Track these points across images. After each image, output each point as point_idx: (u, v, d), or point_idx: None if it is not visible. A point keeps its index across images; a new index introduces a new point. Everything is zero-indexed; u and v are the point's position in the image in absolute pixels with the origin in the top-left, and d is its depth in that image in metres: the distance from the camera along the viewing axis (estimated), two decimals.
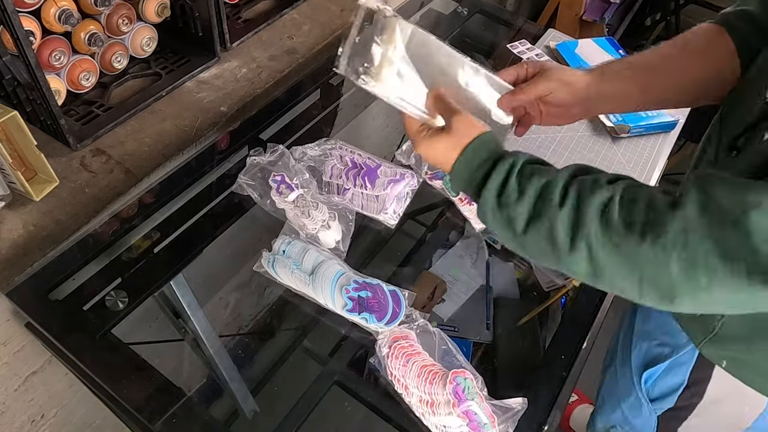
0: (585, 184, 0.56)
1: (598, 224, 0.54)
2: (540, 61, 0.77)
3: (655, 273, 0.52)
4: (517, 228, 0.59)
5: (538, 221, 0.57)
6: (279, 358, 0.90)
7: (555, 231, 0.56)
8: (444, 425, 0.72)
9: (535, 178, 0.59)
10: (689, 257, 0.50)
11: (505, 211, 0.59)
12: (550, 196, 0.57)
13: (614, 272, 0.54)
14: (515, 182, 0.59)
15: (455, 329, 1.05)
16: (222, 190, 0.95)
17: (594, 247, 0.54)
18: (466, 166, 0.64)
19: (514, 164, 0.61)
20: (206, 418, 0.72)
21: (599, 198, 0.55)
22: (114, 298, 0.80)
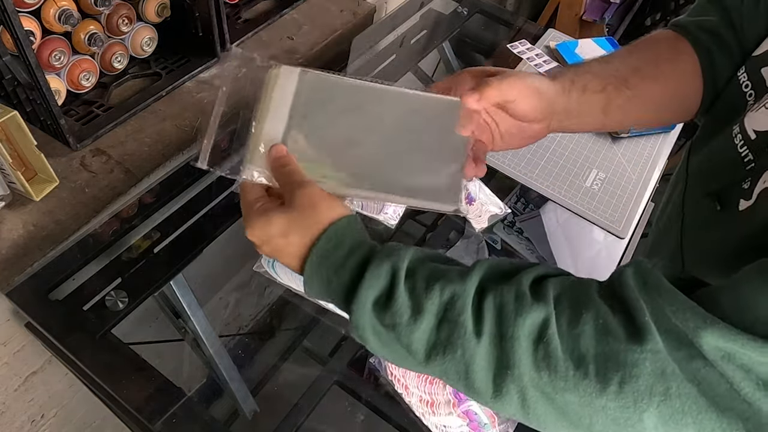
0: (506, 300, 0.41)
1: (532, 363, 0.39)
2: (486, 68, 0.61)
3: (623, 425, 0.38)
4: (416, 356, 0.43)
5: (446, 351, 0.41)
6: (279, 358, 0.90)
7: (471, 369, 0.41)
8: (444, 425, 0.72)
9: (434, 289, 0.42)
10: (672, 408, 0.37)
11: (392, 333, 0.43)
12: (458, 319, 0.41)
13: (559, 422, 0.40)
14: (405, 293, 0.42)
15: None
16: (222, 190, 0.95)
17: (529, 392, 0.39)
18: (323, 264, 0.46)
19: (398, 265, 0.43)
20: (206, 418, 0.72)
21: (529, 322, 0.40)
22: (114, 298, 0.80)
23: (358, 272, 0.44)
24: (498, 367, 0.40)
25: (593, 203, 1.01)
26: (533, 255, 1.00)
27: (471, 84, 0.58)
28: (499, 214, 0.99)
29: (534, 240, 1.01)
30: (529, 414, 0.40)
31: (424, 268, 0.44)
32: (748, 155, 0.53)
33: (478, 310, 0.41)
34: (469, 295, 0.41)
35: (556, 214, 1.01)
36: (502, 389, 0.40)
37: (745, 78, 0.60)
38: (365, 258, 0.45)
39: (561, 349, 0.39)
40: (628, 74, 0.64)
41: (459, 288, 0.41)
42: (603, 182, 1.04)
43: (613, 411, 0.37)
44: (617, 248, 0.97)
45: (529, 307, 0.40)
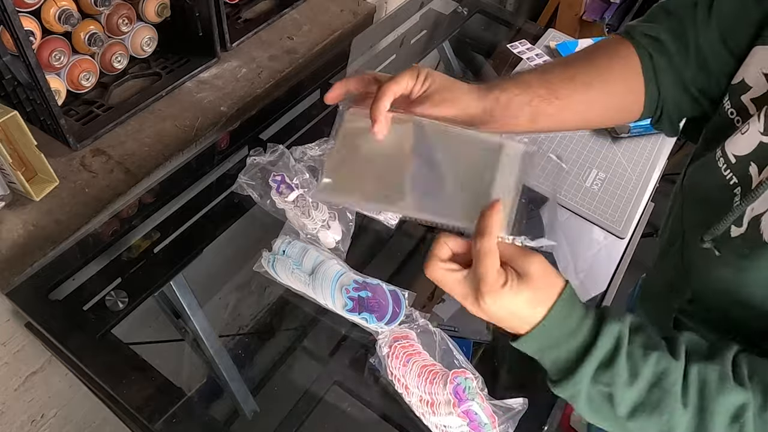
0: (710, 378, 0.46)
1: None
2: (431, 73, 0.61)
3: None
4: (619, 411, 0.49)
5: (651, 412, 0.47)
6: (279, 358, 0.90)
7: (672, 429, 0.47)
8: (444, 425, 0.72)
9: (651, 357, 0.48)
10: None
11: (606, 389, 0.48)
12: (671, 389, 0.46)
13: None
14: (625, 359, 0.48)
15: (455, 329, 1.05)
16: (222, 190, 0.95)
17: None
18: (558, 328, 0.49)
19: (623, 332, 0.49)
20: (206, 418, 0.72)
21: (730, 402, 0.46)
22: (114, 298, 0.80)
23: (593, 335, 0.49)
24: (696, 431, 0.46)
25: (593, 203, 1.01)
26: None
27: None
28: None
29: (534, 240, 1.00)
30: None
31: (641, 338, 0.49)
32: (733, 178, 0.57)
33: (685, 383, 0.47)
34: (681, 368, 0.47)
35: (556, 214, 1.01)
36: None
37: (729, 106, 0.61)
38: (599, 323, 0.50)
39: (751, 429, 0.45)
40: (561, 85, 0.65)
41: (672, 361, 0.47)
42: (603, 182, 1.04)
43: None
44: (617, 248, 0.97)
45: (731, 389, 0.46)
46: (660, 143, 1.13)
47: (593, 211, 1.00)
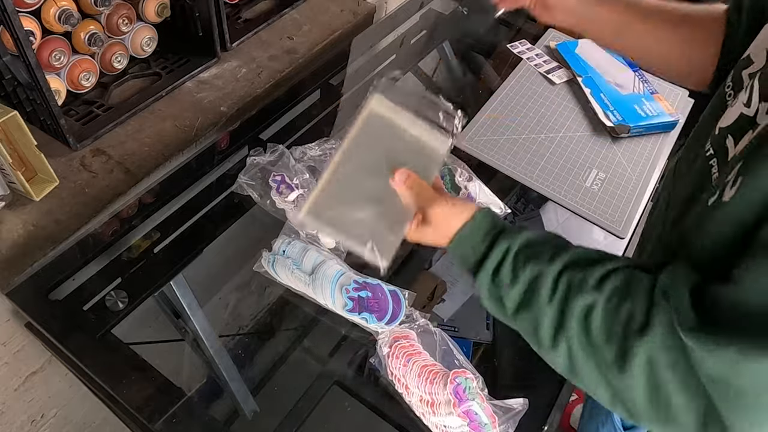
0: (573, 282, 0.55)
1: (580, 329, 0.53)
2: None
3: (624, 392, 0.50)
4: (508, 311, 0.59)
5: (526, 310, 0.57)
6: (279, 358, 0.90)
7: (540, 325, 0.55)
8: (444, 425, 0.72)
9: (528, 267, 0.57)
10: (654, 389, 0.48)
11: (497, 292, 0.59)
12: (539, 290, 0.56)
13: (590, 377, 0.53)
14: (510, 267, 0.58)
15: (455, 329, 1.05)
16: (222, 190, 0.95)
17: (573, 349, 0.53)
18: (461, 249, 0.63)
19: (510, 248, 0.59)
20: (206, 418, 0.72)
21: (583, 301, 0.53)
22: (114, 298, 0.80)
23: (485, 251, 0.61)
24: (557, 326, 0.54)
25: (593, 203, 1.01)
26: None
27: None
28: (499, 214, 0.99)
29: None
30: (571, 363, 0.54)
31: (528, 250, 0.59)
32: (710, 149, 0.59)
33: (554, 286, 0.55)
34: (550, 275, 0.56)
35: (556, 214, 1.01)
36: (557, 342, 0.54)
37: (730, 79, 0.61)
38: (492, 241, 0.61)
39: (599, 324, 0.52)
40: (652, 12, 0.73)
41: (544, 269, 0.56)
42: (603, 182, 1.04)
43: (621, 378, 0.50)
44: (617, 248, 0.97)
45: (586, 293, 0.53)
46: (660, 143, 1.13)
47: (593, 211, 1.00)
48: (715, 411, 0.46)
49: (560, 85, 1.21)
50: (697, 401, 0.46)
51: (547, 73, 1.23)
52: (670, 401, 0.47)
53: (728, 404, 0.45)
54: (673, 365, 0.47)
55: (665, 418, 0.48)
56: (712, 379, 0.45)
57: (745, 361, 0.43)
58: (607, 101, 1.15)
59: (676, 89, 1.24)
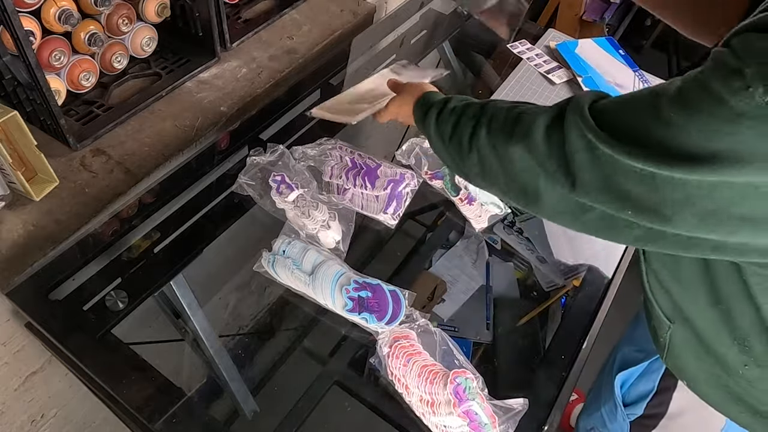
0: (494, 104, 0.68)
1: (486, 130, 0.65)
2: None
3: (516, 173, 0.60)
4: (444, 138, 0.71)
5: (457, 132, 0.69)
6: (279, 358, 0.90)
7: (462, 138, 0.68)
8: (444, 425, 0.72)
9: (460, 105, 0.72)
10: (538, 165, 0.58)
11: (437, 130, 0.73)
12: (465, 115, 0.69)
13: (491, 166, 0.64)
14: (448, 110, 0.73)
15: (455, 329, 1.05)
16: (222, 190, 0.95)
17: (481, 146, 0.65)
18: (420, 106, 0.79)
19: (450, 99, 0.75)
20: (206, 418, 0.72)
21: (492, 112, 0.66)
22: (114, 298, 0.80)
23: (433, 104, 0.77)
24: (472, 134, 0.66)
25: None
26: (533, 255, 1.00)
27: None
28: (499, 214, 0.99)
29: (534, 240, 1.01)
30: (481, 160, 0.65)
31: (460, 102, 0.73)
32: None
33: (479, 111, 0.68)
34: (477, 105, 0.69)
35: None
36: (472, 146, 0.66)
37: None
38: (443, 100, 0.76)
39: (502, 124, 0.63)
40: None
41: (472, 104, 0.70)
42: None
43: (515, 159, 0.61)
44: (617, 248, 0.97)
45: (498, 108, 0.66)
46: None
47: None
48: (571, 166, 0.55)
49: (560, 85, 1.21)
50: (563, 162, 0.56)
51: (547, 73, 1.23)
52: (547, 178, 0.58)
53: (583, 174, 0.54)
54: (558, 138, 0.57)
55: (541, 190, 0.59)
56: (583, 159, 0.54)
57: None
58: None
59: None
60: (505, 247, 1.02)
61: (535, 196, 0.59)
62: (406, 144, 1.02)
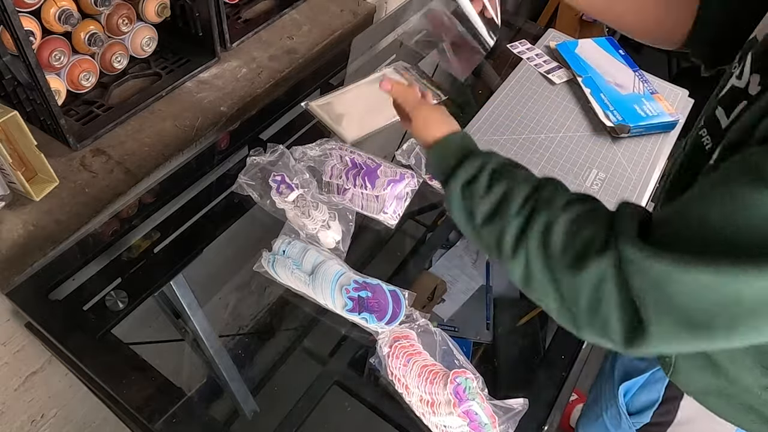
0: (542, 200, 0.58)
1: (540, 240, 0.56)
2: None
3: (570, 299, 0.54)
4: (476, 221, 0.62)
5: (494, 221, 0.60)
6: (279, 358, 0.90)
7: (504, 234, 0.58)
8: (444, 425, 0.72)
9: (503, 182, 0.61)
10: (597, 301, 0.51)
11: (467, 203, 0.63)
12: (509, 203, 0.59)
13: (542, 285, 0.56)
14: (485, 180, 0.62)
15: (455, 329, 1.05)
16: (222, 190, 0.95)
17: (531, 257, 0.56)
18: (438, 155, 0.69)
19: (485, 164, 0.64)
20: (206, 418, 0.72)
21: (548, 217, 0.57)
22: (114, 298, 0.80)
23: (460, 160, 0.65)
24: (519, 236, 0.57)
25: None
26: None
27: None
28: None
29: None
30: (527, 272, 0.57)
31: (503, 170, 0.63)
32: (701, 124, 0.61)
33: (523, 202, 0.59)
34: (522, 191, 0.60)
35: None
36: (518, 252, 0.57)
37: (737, 61, 0.61)
38: (466, 154, 0.66)
39: (558, 239, 0.55)
40: None
41: (518, 186, 0.60)
42: (603, 182, 1.04)
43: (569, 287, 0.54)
44: None
45: (551, 210, 0.57)
46: (660, 143, 1.13)
47: None
48: (642, 325, 0.49)
49: (560, 85, 1.21)
50: (630, 315, 0.50)
51: (547, 73, 1.23)
52: (608, 315, 0.51)
53: (655, 310, 0.48)
54: (618, 282, 0.50)
55: (601, 328, 0.52)
56: (645, 287, 0.48)
57: (676, 271, 0.46)
58: (607, 101, 1.15)
59: (676, 89, 1.24)
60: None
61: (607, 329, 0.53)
62: (406, 144, 1.02)
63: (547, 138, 1.10)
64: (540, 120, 1.13)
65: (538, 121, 1.13)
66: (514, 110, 1.14)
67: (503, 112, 1.14)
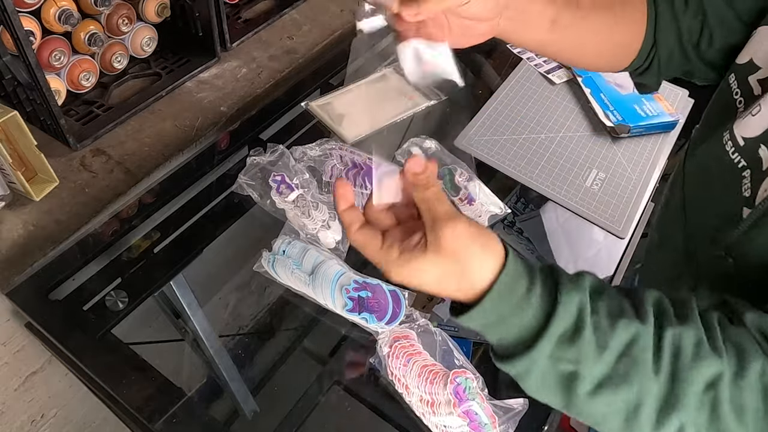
0: (685, 344, 0.43)
1: (698, 406, 0.42)
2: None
3: None
4: (580, 389, 0.43)
5: (618, 385, 0.43)
6: (279, 358, 0.90)
7: (641, 402, 0.42)
8: (444, 425, 0.72)
9: (618, 327, 0.43)
10: None
11: (568, 366, 0.43)
12: (639, 355, 0.42)
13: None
14: (591, 330, 0.43)
15: (455, 329, 1.05)
16: (222, 190, 0.95)
17: (687, 429, 0.43)
18: (500, 305, 0.43)
19: (584, 301, 0.43)
20: (206, 418, 0.72)
21: (706, 372, 0.42)
22: (114, 298, 0.80)
23: (545, 308, 0.43)
24: (667, 403, 0.42)
25: (593, 203, 1.01)
26: (533, 255, 1.00)
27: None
28: (499, 214, 0.99)
29: (534, 240, 1.01)
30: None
31: (604, 303, 0.44)
32: (741, 161, 0.56)
33: (657, 351, 0.43)
34: (651, 332, 0.43)
35: (556, 214, 1.01)
36: (665, 422, 0.42)
37: (735, 85, 0.60)
38: (551, 294, 0.44)
39: (727, 398, 0.42)
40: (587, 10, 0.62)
41: (641, 327, 0.43)
42: (603, 182, 1.04)
43: None
44: (617, 248, 0.97)
45: (706, 356, 0.42)
46: (660, 143, 1.13)
47: (593, 211, 1.00)
48: None
49: (560, 85, 1.21)
50: None
51: (547, 73, 1.23)
52: None
53: None
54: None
55: None
56: None
57: None
58: (607, 101, 1.15)
59: (676, 89, 1.24)
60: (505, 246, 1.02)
61: None
62: (407, 144, 1.02)
63: (547, 138, 1.10)
64: (540, 120, 1.13)
65: (538, 121, 1.13)
66: (514, 110, 1.14)
67: (503, 112, 1.14)
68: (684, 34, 0.64)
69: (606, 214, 1.00)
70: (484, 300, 0.43)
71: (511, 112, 1.14)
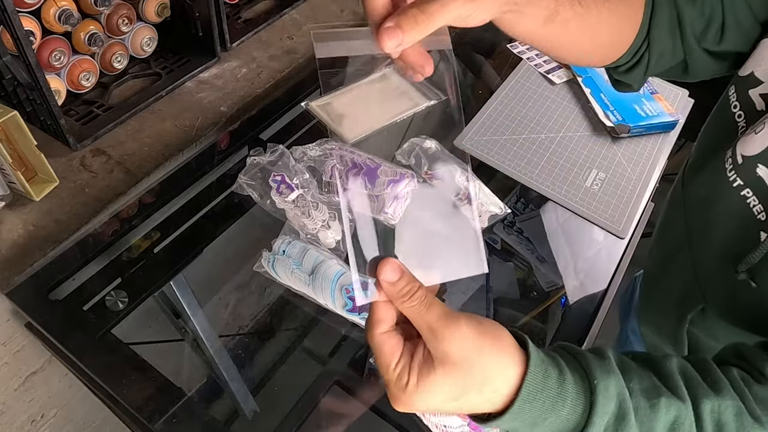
0: (727, 420, 0.42)
1: None
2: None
3: None
4: None
5: None
6: (279, 358, 0.90)
7: None
8: (444, 425, 0.72)
9: (659, 408, 0.41)
10: None
11: None
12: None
13: None
14: (634, 420, 0.40)
15: None
16: (222, 190, 0.95)
17: None
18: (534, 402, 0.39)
19: (622, 390, 0.41)
20: (206, 418, 0.72)
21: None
22: (114, 298, 0.80)
23: (582, 401, 0.40)
24: None
25: (593, 203, 1.01)
26: (533, 255, 1.00)
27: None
28: (499, 214, 0.99)
29: (534, 240, 1.01)
30: None
31: (636, 383, 0.42)
32: (737, 180, 0.55)
33: (699, 425, 0.42)
34: (690, 410, 0.42)
35: (556, 214, 1.01)
36: None
37: (734, 98, 0.59)
38: (583, 380, 0.41)
39: None
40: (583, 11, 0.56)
41: (681, 405, 0.42)
42: (603, 182, 1.04)
43: None
44: (617, 248, 0.97)
45: (750, 428, 0.42)
46: (660, 143, 1.13)
47: (593, 211, 1.00)
48: None
49: (560, 85, 1.21)
50: None
51: (547, 73, 1.23)
52: None
53: None
54: None
55: None
56: None
57: None
58: (607, 101, 1.15)
59: (676, 89, 1.24)
60: (505, 247, 1.02)
61: None
62: (407, 144, 1.01)
63: (547, 138, 1.10)
64: (540, 120, 1.13)
65: (538, 121, 1.13)
66: (514, 110, 1.14)
67: (503, 112, 1.14)
68: (686, 25, 0.60)
69: (606, 214, 1.00)
70: (514, 403, 0.39)
71: (511, 112, 1.14)
